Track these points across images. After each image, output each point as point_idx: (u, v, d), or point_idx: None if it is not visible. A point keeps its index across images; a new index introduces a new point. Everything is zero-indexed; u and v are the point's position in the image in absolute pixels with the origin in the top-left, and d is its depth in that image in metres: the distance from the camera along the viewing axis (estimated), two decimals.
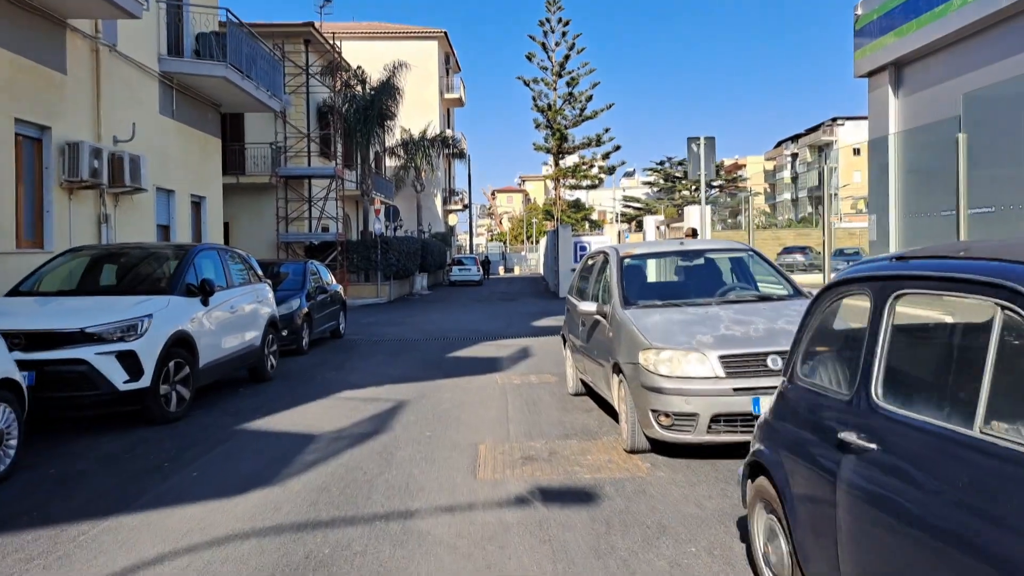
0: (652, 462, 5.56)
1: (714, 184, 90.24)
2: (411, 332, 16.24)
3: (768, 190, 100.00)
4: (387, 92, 27.47)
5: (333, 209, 27.37)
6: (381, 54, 35.13)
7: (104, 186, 12.27)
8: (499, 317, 19.55)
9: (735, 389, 5.20)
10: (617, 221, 50.12)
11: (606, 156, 41.18)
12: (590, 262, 7.93)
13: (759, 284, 6.84)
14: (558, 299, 26.35)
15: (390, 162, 44.45)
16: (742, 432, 5.20)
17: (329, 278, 15.40)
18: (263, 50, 18.06)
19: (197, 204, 16.84)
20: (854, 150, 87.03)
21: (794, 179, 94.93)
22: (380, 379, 9.88)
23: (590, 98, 39.98)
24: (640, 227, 44.69)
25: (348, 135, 27.75)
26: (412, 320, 19.34)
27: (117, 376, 6.60)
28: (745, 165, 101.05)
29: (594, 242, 27.33)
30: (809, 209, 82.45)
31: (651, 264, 7.18)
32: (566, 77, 40.55)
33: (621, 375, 5.87)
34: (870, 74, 15.96)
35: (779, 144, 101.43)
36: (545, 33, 40.98)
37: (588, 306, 6.63)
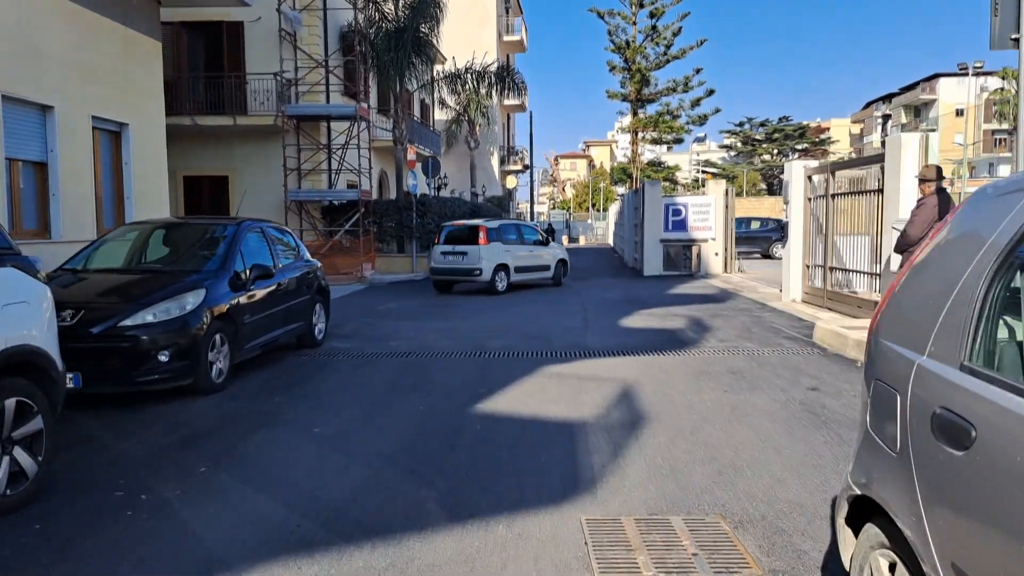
0: None
1: (797, 148, 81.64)
2: (433, 335, 10.26)
3: (855, 155, 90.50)
4: (424, 11, 21.27)
5: (361, 162, 21.51)
6: None
7: None
8: (568, 308, 13.37)
9: None
10: (699, 185, 43.04)
11: (696, 103, 33.95)
12: None
13: None
14: (641, 278, 19.99)
15: (440, 115, 38.38)
16: None
17: (300, 249, 9.50)
18: None
19: (115, 135, 11.12)
20: (957, 111, 76.78)
21: (884, 143, 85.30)
22: (277, 534, 3.89)
23: (678, 32, 32.68)
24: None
25: (381, 71, 21.78)
26: (444, 310, 13.36)
27: None
28: (829, 128, 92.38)
29: (692, 204, 20.77)
30: None
31: None
32: (648, 8, 33.37)
33: None
34: None
35: (868, 105, 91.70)
36: None
37: None
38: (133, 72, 11.33)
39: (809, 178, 13.00)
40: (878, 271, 10.31)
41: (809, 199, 12.93)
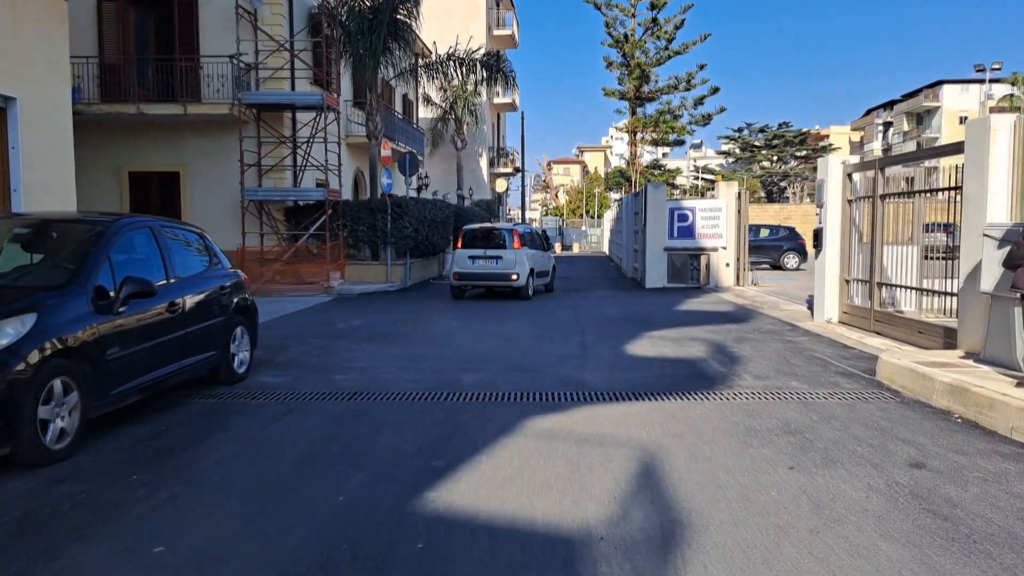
0: None
1: (797, 155, 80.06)
2: (394, 365, 8.10)
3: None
4: None
5: (330, 158, 19.35)
6: None
7: None
8: (562, 328, 11.24)
9: None
10: (698, 192, 41.05)
11: (699, 101, 31.88)
12: None
13: None
14: (643, 291, 17.92)
15: (425, 112, 36.32)
16: None
17: (216, 256, 7.34)
18: None
19: None
20: (960, 118, 75.46)
21: (886, 151, 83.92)
22: None
23: (680, 25, 30.61)
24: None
25: (355, 57, 19.62)
26: (414, 329, 11.20)
27: None
28: (828, 135, 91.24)
29: (700, 208, 18.70)
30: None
31: None
32: None
33: None
34: None
35: (868, 112, 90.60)
36: None
37: None
38: (23, 35, 9.16)
39: (849, 176, 10.96)
40: (952, 289, 8.25)
41: (849, 201, 10.88)
